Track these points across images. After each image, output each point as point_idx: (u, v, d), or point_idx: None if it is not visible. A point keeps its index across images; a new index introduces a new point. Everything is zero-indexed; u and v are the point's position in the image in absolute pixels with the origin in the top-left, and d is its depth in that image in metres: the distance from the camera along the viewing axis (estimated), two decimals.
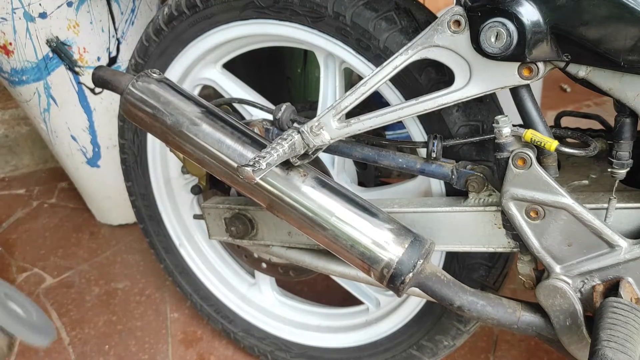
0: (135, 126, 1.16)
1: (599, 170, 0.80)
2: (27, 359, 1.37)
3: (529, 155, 0.67)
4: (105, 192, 1.73)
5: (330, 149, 0.85)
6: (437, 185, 0.89)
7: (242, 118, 1.09)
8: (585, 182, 0.76)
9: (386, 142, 0.86)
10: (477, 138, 0.78)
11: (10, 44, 1.34)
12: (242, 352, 1.36)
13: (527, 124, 0.68)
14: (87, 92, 1.48)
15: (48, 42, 1.35)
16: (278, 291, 1.31)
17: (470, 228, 0.79)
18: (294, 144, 0.74)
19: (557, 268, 0.72)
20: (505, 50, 0.61)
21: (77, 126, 1.54)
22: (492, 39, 0.62)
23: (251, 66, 1.56)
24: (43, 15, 1.30)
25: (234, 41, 1.00)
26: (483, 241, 0.80)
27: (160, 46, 1.06)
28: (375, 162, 0.84)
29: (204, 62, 1.07)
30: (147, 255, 1.69)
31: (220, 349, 1.38)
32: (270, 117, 0.97)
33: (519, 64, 0.64)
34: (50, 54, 1.37)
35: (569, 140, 0.83)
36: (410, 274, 0.71)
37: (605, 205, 0.68)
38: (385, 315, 1.12)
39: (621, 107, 0.64)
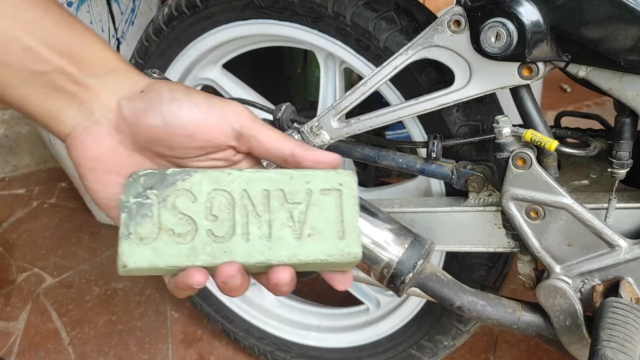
0: None
1: (599, 170, 0.80)
2: (27, 359, 1.37)
3: (529, 155, 0.67)
4: None
5: (330, 149, 0.85)
6: (437, 185, 0.89)
7: None
8: (585, 182, 0.76)
9: (386, 142, 0.86)
10: (477, 138, 0.78)
11: None
12: (242, 352, 1.36)
13: (527, 124, 0.68)
14: None
15: None
16: None
17: (470, 228, 0.79)
18: None
19: (557, 268, 0.72)
20: (505, 51, 0.61)
21: None
22: (492, 39, 0.62)
23: (251, 66, 1.56)
24: None
25: (234, 41, 1.00)
26: (483, 241, 0.80)
27: (160, 46, 1.06)
28: (375, 162, 0.84)
29: (204, 62, 1.07)
30: None
31: (220, 349, 1.38)
32: (270, 117, 0.97)
33: (519, 64, 0.64)
34: None
35: (569, 140, 0.83)
36: (411, 274, 0.71)
37: (605, 205, 0.68)
38: (385, 315, 1.12)
39: (621, 107, 0.64)
